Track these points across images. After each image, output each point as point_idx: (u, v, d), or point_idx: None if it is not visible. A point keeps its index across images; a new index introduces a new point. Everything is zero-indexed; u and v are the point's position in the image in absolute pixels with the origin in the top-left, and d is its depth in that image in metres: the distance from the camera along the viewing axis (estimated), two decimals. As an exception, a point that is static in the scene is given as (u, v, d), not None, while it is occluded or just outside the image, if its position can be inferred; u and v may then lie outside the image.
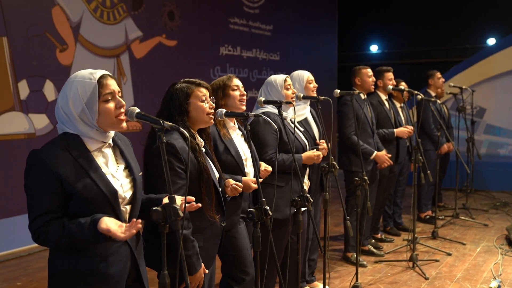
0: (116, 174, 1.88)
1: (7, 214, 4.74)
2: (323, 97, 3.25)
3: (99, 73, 1.83)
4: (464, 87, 6.64)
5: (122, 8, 5.85)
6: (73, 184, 1.76)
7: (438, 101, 6.05)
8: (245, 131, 2.41)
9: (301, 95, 3.34)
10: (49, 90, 5.07)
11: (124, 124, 1.87)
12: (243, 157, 2.78)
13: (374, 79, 4.65)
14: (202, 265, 2.30)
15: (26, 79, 4.88)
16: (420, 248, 4.87)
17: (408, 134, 4.91)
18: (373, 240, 5.05)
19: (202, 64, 6.90)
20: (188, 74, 2.63)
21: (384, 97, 4.97)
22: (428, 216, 6.00)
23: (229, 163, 2.71)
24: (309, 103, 3.72)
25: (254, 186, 2.62)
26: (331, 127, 3.39)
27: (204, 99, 2.40)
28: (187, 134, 1.80)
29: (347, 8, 10.75)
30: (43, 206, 1.76)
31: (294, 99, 3.33)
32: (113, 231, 1.70)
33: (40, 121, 5.01)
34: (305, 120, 3.67)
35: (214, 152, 2.63)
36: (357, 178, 3.56)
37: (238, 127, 2.89)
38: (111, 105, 1.83)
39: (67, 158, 1.77)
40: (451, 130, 6.39)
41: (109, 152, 1.91)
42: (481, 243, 5.11)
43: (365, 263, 4.48)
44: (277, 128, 2.63)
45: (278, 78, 3.29)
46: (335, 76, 9.94)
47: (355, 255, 4.02)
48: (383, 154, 4.50)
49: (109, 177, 1.84)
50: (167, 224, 1.72)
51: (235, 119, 2.89)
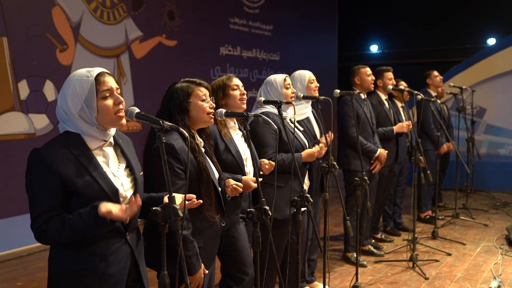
0: (117, 173, 1.89)
1: (7, 214, 4.74)
2: (323, 97, 3.25)
3: (97, 71, 1.84)
4: (464, 87, 6.64)
5: (122, 8, 5.85)
6: (74, 183, 1.76)
7: (438, 101, 6.05)
8: (245, 131, 2.41)
9: (301, 95, 3.34)
10: (49, 90, 5.07)
11: (124, 121, 1.87)
12: (243, 157, 2.78)
13: (374, 78, 4.64)
14: (202, 266, 2.30)
15: (26, 79, 4.88)
16: (420, 248, 4.87)
17: (408, 128, 4.90)
18: (373, 240, 5.05)
19: (202, 64, 6.90)
20: (188, 74, 2.62)
21: (384, 97, 4.97)
22: (428, 216, 6.00)
23: (230, 162, 2.71)
24: (310, 103, 3.73)
25: (254, 185, 2.61)
26: (331, 127, 3.39)
27: (205, 99, 2.40)
28: (187, 134, 1.80)
29: (347, 8, 10.75)
30: (44, 205, 1.76)
31: (294, 99, 3.33)
32: (115, 213, 1.72)
33: (40, 121, 5.01)
34: (307, 119, 3.67)
35: (215, 151, 2.63)
36: (357, 178, 3.56)
37: (238, 127, 2.89)
38: (110, 102, 1.83)
39: (68, 157, 1.78)
40: (451, 130, 6.39)
41: (110, 151, 1.91)
42: (481, 243, 5.11)
43: (365, 263, 4.48)
44: (277, 128, 2.64)
45: (278, 78, 3.29)
46: (335, 76, 9.94)
47: (355, 255, 4.02)
48: (384, 153, 4.50)
49: (110, 176, 1.84)
50: (167, 224, 1.72)
51: (235, 119, 2.89)
